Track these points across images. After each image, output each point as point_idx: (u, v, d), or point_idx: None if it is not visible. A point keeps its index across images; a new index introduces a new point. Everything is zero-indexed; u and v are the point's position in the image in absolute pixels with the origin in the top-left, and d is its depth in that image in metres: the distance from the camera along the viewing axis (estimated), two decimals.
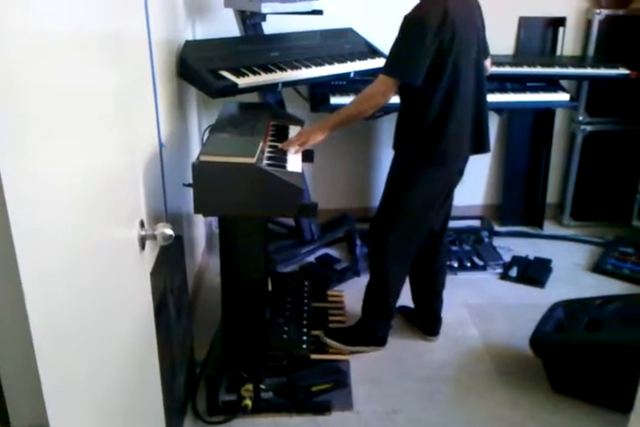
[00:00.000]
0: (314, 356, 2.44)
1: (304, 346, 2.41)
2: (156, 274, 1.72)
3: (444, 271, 2.72)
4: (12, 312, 0.68)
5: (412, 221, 2.38)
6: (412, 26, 2.08)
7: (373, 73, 2.96)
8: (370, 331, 2.58)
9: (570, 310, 2.46)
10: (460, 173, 2.43)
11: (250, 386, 2.19)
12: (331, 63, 2.83)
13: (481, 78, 2.27)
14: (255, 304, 2.20)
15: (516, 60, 3.29)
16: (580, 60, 3.45)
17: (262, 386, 2.23)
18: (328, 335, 2.58)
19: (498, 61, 3.19)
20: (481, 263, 3.28)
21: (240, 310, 2.20)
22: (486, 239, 3.50)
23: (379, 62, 2.88)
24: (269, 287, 2.40)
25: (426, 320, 2.72)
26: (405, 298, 2.71)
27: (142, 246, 1.23)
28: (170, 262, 1.95)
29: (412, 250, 2.48)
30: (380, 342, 2.61)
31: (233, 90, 2.43)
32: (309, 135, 2.22)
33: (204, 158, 1.86)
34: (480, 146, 2.35)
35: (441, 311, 2.71)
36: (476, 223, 3.68)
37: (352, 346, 2.56)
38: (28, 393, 0.73)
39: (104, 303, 1.00)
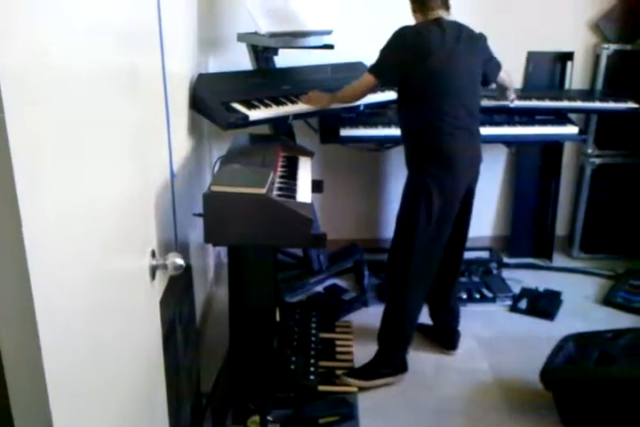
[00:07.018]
0: (321, 387, 2.43)
1: (311, 377, 2.39)
2: (164, 303, 1.72)
3: (458, 287, 2.86)
4: (24, 339, 0.69)
5: (428, 237, 2.42)
6: (392, 37, 2.38)
7: (383, 105, 3.00)
8: (389, 360, 2.56)
9: (580, 344, 2.43)
10: (463, 190, 2.45)
11: (256, 418, 2.18)
12: None
13: (471, 91, 2.43)
14: (263, 334, 2.19)
15: (524, 93, 3.32)
16: (588, 94, 3.48)
17: (269, 418, 2.21)
18: (347, 375, 2.53)
19: None
20: (490, 295, 3.27)
21: (248, 341, 2.19)
22: (495, 271, 3.49)
23: (388, 95, 2.92)
24: (277, 318, 2.40)
25: (444, 335, 2.81)
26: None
27: (153, 276, 1.24)
28: (178, 292, 1.95)
29: (432, 268, 2.53)
30: (402, 368, 2.58)
31: (244, 122, 2.46)
32: (316, 97, 2.65)
33: (215, 189, 1.88)
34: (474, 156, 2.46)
35: (458, 325, 2.81)
36: (485, 255, 3.67)
37: (373, 380, 2.52)
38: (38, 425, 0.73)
39: (114, 332, 1.01)
